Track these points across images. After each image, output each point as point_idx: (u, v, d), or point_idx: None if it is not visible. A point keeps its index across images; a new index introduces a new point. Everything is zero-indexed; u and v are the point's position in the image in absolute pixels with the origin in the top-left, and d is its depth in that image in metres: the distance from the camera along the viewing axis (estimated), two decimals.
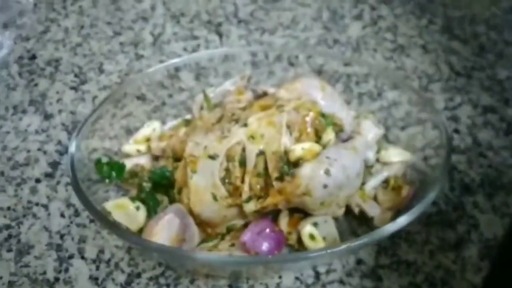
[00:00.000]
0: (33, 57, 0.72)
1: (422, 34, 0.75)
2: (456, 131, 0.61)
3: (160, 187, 0.52)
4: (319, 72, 0.64)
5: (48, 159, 0.59)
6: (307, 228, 0.47)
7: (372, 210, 0.49)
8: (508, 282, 0.38)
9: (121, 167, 0.53)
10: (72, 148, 0.50)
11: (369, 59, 0.72)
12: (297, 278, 0.48)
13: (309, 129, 0.48)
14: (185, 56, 0.70)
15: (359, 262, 0.49)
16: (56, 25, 0.77)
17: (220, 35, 0.76)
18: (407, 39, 0.74)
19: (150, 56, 0.72)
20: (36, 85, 0.68)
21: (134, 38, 0.75)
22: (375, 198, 0.51)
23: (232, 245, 0.47)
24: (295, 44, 0.74)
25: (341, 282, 0.48)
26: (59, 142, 0.61)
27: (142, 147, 0.56)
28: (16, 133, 0.62)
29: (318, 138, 0.48)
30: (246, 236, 0.46)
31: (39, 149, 0.60)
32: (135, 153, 0.56)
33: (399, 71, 0.69)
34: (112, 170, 0.53)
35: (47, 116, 0.64)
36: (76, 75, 0.69)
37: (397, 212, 0.49)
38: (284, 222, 0.49)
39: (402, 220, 0.44)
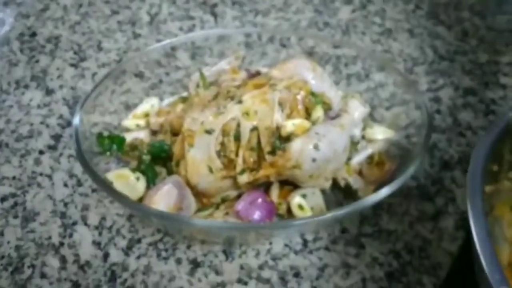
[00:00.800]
0: (34, 34, 0.74)
1: (409, 18, 0.78)
2: (438, 111, 0.65)
3: (159, 159, 0.55)
4: (310, 53, 0.66)
5: (51, 132, 0.62)
6: (296, 199, 0.51)
7: (357, 183, 0.53)
8: None
9: (121, 140, 0.56)
10: (76, 121, 0.52)
11: (357, 42, 0.75)
12: (286, 245, 0.52)
13: (300, 107, 0.51)
14: (181, 35, 0.73)
15: (343, 230, 0.53)
16: (55, 3, 0.79)
17: (215, 16, 0.78)
18: (394, 23, 0.77)
19: (147, 35, 0.74)
20: (37, 61, 0.70)
21: (132, 17, 0.77)
22: (360, 173, 0.54)
23: (227, 213, 0.50)
24: (287, 26, 0.77)
25: (327, 249, 0.51)
26: (61, 116, 0.63)
27: (141, 122, 0.59)
28: (19, 107, 0.64)
29: (308, 115, 0.51)
30: (240, 205, 0.49)
31: (41, 123, 0.63)
32: (135, 127, 0.59)
33: (386, 54, 0.72)
34: (113, 143, 0.55)
35: (49, 91, 0.66)
36: (75, 52, 0.71)
37: (380, 185, 0.52)
38: (275, 193, 0.52)
39: (384, 192, 0.47)
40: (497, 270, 0.34)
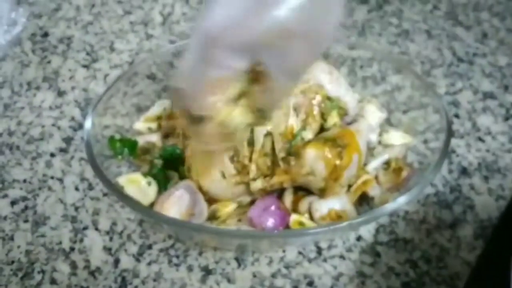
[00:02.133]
0: (46, 35, 0.73)
1: (426, 19, 0.77)
2: (456, 115, 0.63)
3: (171, 164, 0.54)
4: (324, 55, 0.65)
5: (62, 135, 0.61)
6: (294, 217, 0.49)
7: (373, 190, 0.51)
8: (500, 261, 0.41)
9: (133, 144, 0.55)
10: (88, 124, 0.52)
11: (373, 43, 0.73)
12: (300, 253, 0.50)
13: (315, 112, 0.50)
14: None
15: (359, 238, 0.52)
16: (68, 3, 0.78)
17: None
18: (411, 24, 0.76)
19: (160, 36, 0.74)
20: (49, 62, 0.70)
21: (144, 17, 0.76)
22: (376, 179, 0.53)
23: (239, 220, 0.50)
24: None
25: (342, 257, 0.50)
26: (73, 118, 0.63)
27: (153, 125, 0.58)
28: (31, 108, 0.64)
29: (323, 120, 0.50)
30: (253, 212, 0.48)
31: (53, 125, 0.62)
32: (146, 131, 0.58)
33: (403, 56, 0.71)
34: (125, 147, 0.55)
35: (60, 93, 0.66)
36: (87, 53, 0.71)
37: (397, 192, 0.51)
38: (288, 199, 0.51)
39: (401, 200, 0.46)
40: None
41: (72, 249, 0.51)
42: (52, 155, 0.59)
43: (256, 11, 0.35)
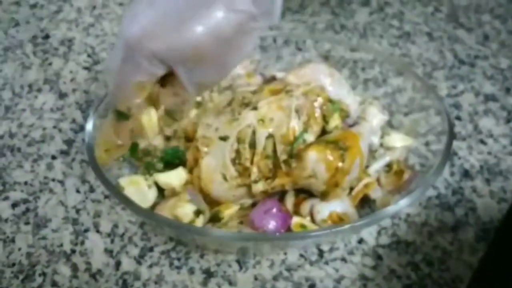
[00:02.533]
0: (47, 37, 0.73)
1: (427, 21, 0.76)
2: (458, 118, 0.63)
3: (172, 166, 0.54)
4: (326, 57, 0.65)
5: (63, 137, 0.61)
6: (295, 219, 0.49)
7: (375, 192, 0.51)
8: (502, 264, 0.41)
9: (135, 146, 0.55)
10: (90, 127, 0.52)
11: (375, 45, 0.73)
12: (301, 255, 0.50)
13: (317, 114, 0.50)
14: None
15: (360, 241, 0.51)
16: (69, 5, 0.78)
17: None
18: (413, 26, 0.76)
19: None
20: (50, 64, 0.70)
21: None
22: (378, 181, 0.53)
23: (241, 222, 0.49)
24: (303, 29, 0.75)
25: (343, 259, 0.50)
26: (74, 121, 0.63)
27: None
28: (32, 110, 0.64)
29: (325, 123, 0.50)
30: (254, 215, 0.48)
31: (54, 127, 0.62)
32: None
33: (404, 58, 0.71)
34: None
35: (62, 95, 0.66)
36: (89, 55, 0.71)
37: (399, 194, 0.51)
38: (290, 202, 0.51)
39: (403, 203, 0.46)
40: None
41: (73, 251, 0.51)
42: (53, 157, 0.59)
43: (175, 27, 0.39)
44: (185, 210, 0.48)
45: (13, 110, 0.64)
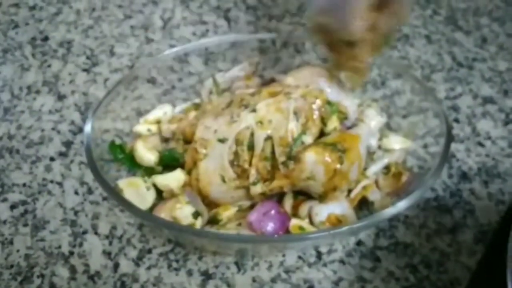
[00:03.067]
0: (46, 39, 0.73)
1: (426, 24, 0.77)
2: (456, 120, 0.63)
3: (170, 168, 0.54)
4: (324, 59, 0.65)
5: (62, 139, 0.61)
6: (293, 221, 0.49)
7: (373, 194, 0.51)
8: (500, 266, 0.41)
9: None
10: (88, 129, 0.52)
11: None
12: (299, 257, 0.50)
13: (316, 116, 0.50)
14: (194, 41, 0.72)
15: (359, 243, 0.51)
16: (68, 7, 0.78)
17: (228, 20, 0.77)
18: (411, 29, 0.76)
19: (160, 40, 0.74)
20: (49, 66, 0.70)
21: (145, 21, 0.76)
22: (376, 183, 0.53)
23: (239, 224, 0.49)
24: (302, 32, 0.76)
25: (342, 261, 0.50)
26: (72, 122, 0.63)
27: (153, 127, 0.58)
28: (31, 112, 0.64)
29: (323, 125, 0.50)
30: (253, 217, 0.48)
31: (53, 129, 0.62)
32: (146, 132, 0.58)
33: (403, 61, 0.71)
34: (125, 153, 0.55)
35: (60, 97, 0.66)
36: (88, 57, 0.71)
37: (397, 197, 0.51)
38: (288, 204, 0.51)
39: (401, 205, 0.46)
40: None
41: (71, 253, 0.51)
42: (52, 159, 0.59)
43: None
44: (183, 212, 0.48)
45: (11, 112, 0.64)
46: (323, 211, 0.49)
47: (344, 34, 0.47)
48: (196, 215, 0.48)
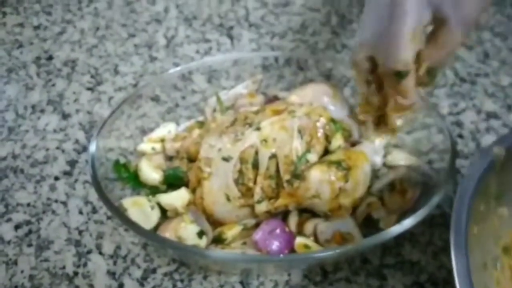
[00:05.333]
0: (50, 58, 0.74)
1: None
2: (460, 136, 0.63)
3: (174, 187, 0.54)
4: (327, 76, 0.65)
5: (67, 158, 0.61)
6: (299, 239, 0.49)
7: (378, 212, 0.51)
8: None
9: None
10: (92, 148, 0.52)
11: None
12: (305, 276, 0.50)
13: (320, 134, 0.50)
14: (198, 59, 0.73)
15: (364, 261, 0.51)
16: (72, 26, 0.79)
17: (231, 38, 0.78)
18: None
19: (164, 58, 0.74)
20: (53, 85, 0.70)
21: (148, 40, 0.77)
22: (381, 200, 0.53)
23: (244, 243, 0.49)
24: (304, 49, 0.76)
25: (348, 280, 0.50)
26: (77, 141, 0.63)
27: (157, 146, 0.58)
28: (35, 131, 0.64)
29: (327, 143, 0.50)
30: (258, 236, 0.48)
31: (57, 148, 0.62)
32: (151, 151, 0.58)
33: None
34: (129, 172, 0.55)
35: (65, 116, 0.66)
36: (92, 76, 0.71)
37: (402, 213, 0.51)
38: (293, 222, 0.51)
39: (407, 223, 0.45)
40: None
41: (75, 273, 0.50)
42: (56, 178, 0.59)
43: None
44: (188, 231, 0.48)
45: (16, 131, 0.64)
46: (328, 229, 0.49)
47: (390, 63, 0.45)
48: (200, 234, 0.48)
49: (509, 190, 0.45)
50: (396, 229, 0.45)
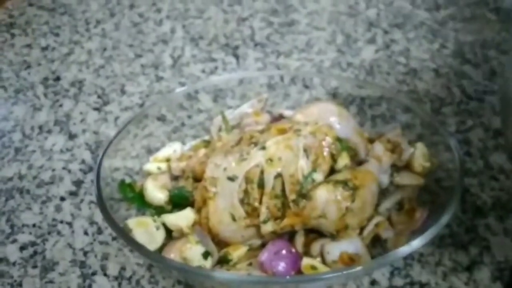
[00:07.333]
0: (58, 78, 0.75)
1: (434, 58, 0.77)
2: (468, 154, 0.63)
3: (180, 207, 0.53)
4: (333, 94, 0.65)
5: (73, 178, 0.61)
6: (306, 260, 0.48)
7: (386, 232, 0.50)
8: None
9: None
10: (98, 168, 0.52)
11: (382, 82, 0.73)
12: None
13: (325, 153, 0.50)
14: (203, 78, 0.73)
15: (373, 282, 0.50)
16: (80, 47, 0.80)
17: (237, 57, 0.78)
18: (419, 63, 0.76)
19: (170, 78, 0.75)
20: (60, 105, 0.71)
21: (155, 60, 0.77)
22: (389, 220, 0.52)
23: (250, 264, 0.49)
24: (309, 67, 0.76)
25: None
26: (83, 161, 0.63)
27: (163, 165, 0.58)
28: (42, 152, 0.64)
29: (333, 162, 0.50)
30: (264, 257, 0.47)
31: (63, 168, 0.62)
32: (156, 170, 0.58)
33: (412, 94, 0.71)
34: (134, 192, 0.55)
35: (71, 136, 0.66)
36: (99, 96, 0.72)
37: (411, 234, 0.50)
38: (299, 242, 0.50)
39: (416, 243, 0.45)
40: None
41: None
42: (62, 198, 0.59)
43: None
44: (193, 252, 0.48)
45: (23, 152, 0.64)
46: (335, 250, 0.48)
47: None
48: (206, 255, 0.48)
49: None
50: (405, 249, 0.44)
